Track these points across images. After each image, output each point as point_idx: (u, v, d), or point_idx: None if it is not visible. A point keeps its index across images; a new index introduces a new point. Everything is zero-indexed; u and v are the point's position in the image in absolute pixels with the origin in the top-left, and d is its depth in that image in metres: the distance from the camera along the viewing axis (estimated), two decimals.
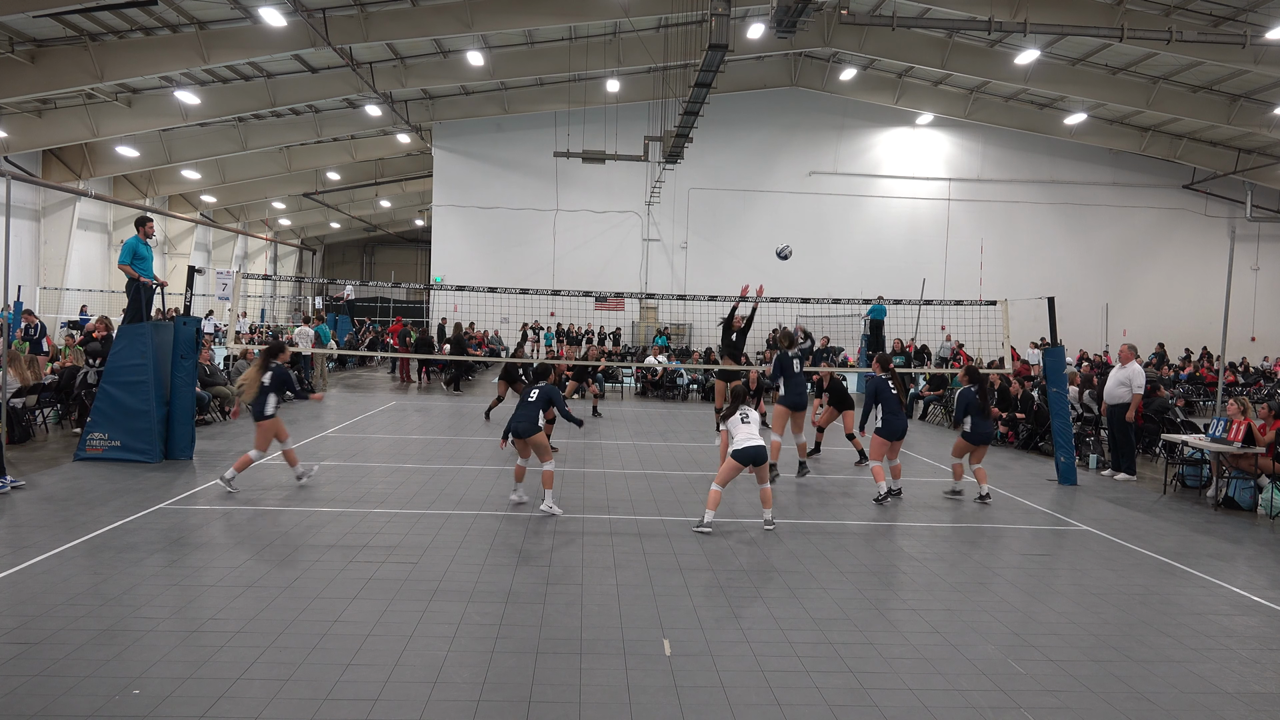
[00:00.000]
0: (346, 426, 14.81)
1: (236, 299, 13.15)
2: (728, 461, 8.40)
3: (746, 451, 8.26)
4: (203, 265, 29.33)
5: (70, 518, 8.11)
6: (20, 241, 27.10)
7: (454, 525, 8.35)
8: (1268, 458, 10.23)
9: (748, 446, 8.27)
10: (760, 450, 8.27)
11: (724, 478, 8.44)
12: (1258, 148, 30.65)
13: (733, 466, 8.33)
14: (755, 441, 8.31)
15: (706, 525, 8.37)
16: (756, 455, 8.28)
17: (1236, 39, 18.12)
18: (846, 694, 5.01)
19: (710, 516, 8.43)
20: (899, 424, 10.06)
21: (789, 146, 32.25)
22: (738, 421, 8.48)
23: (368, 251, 57.70)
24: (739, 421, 8.48)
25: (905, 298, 16.33)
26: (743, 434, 8.38)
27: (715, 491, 8.46)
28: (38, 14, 18.05)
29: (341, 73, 24.80)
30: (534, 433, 8.78)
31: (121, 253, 11.46)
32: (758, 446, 8.28)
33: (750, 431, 8.39)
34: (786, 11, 14.49)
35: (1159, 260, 33.77)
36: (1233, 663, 5.70)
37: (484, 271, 30.20)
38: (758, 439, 8.34)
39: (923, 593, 6.91)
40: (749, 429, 8.41)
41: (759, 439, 8.35)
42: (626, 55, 25.95)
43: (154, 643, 5.33)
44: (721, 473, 8.47)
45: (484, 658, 5.32)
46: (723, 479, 8.45)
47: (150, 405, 10.89)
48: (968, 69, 26.73)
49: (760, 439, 8.34)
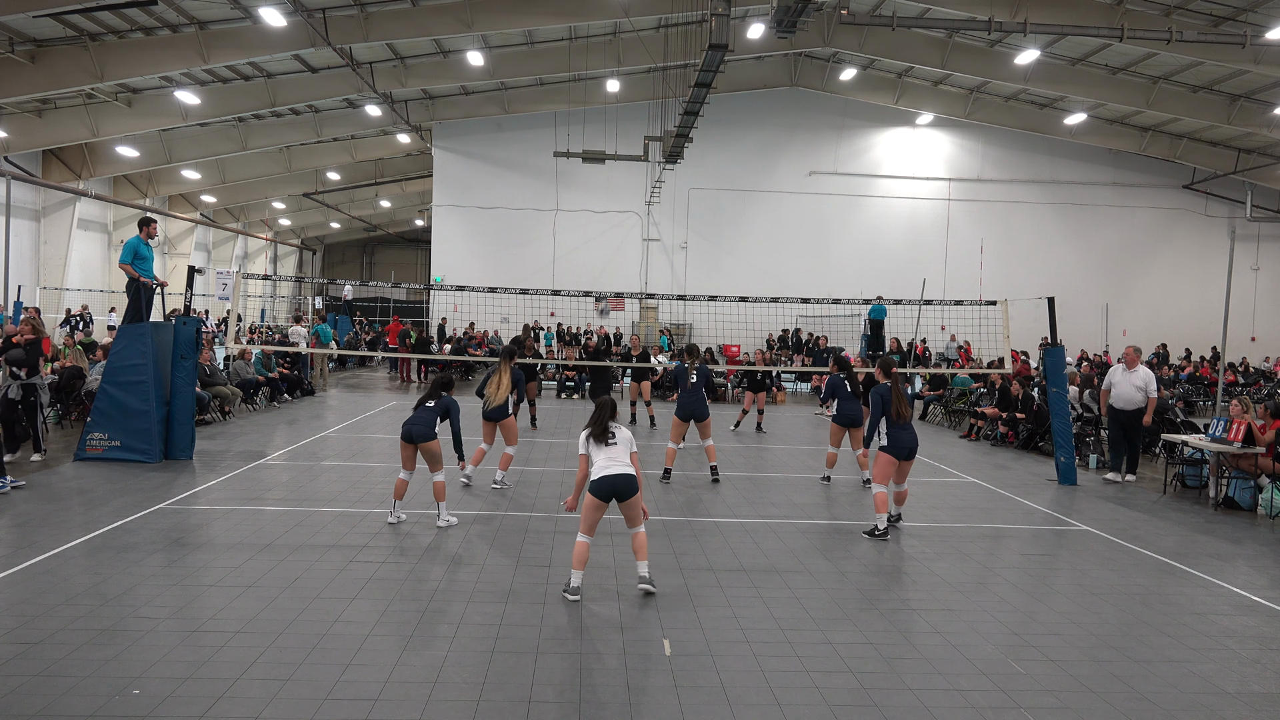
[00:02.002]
0: (346, 426, 14.81)
1: (236, 299, 13.16)
2: (585, 498, 6.53)
3: (603, 482, 6.39)
4: (203, 265, 29.36)
5: (70, 518, 8.11)
6: (20, 241, 27.10)
7: (453, 525, 8.35)
8: (1268, 458, 10.23)
9: (604, 476, 6.40)
10: (622, 480, 6.41)
11: (585, 520, 6.52)
12: (1258, 148, 30.64)
13: (590, 504, 6.47)
14: (616, 469, 6.43)
15: (572, 591, 6.40)
16: (618, 486, 6.40)
17: (1236, 39, 18.11)
18: (846, 694, 5.01)
19: (577, 579, 6.44)
20: (908, 440, 8.51)
21: (789, 146, 32.23)
22: (595, 444, 6.57)
23: (368, 251, 57.68)
24: (597, 444, 6.56)
25: (905, 298, 16.32)
26: (602, 459, 6.50)
27: (581, 543, 6.51)
28: (38, 14, 18.04)
29: (341, 73, 24.79)
30: (429, 438, 8.19)
31: (123, 252, 11.47)
32: (619, 475, 6.41)
33: (612, 455, 6.50)
34: (786, 11, 14.48)
35: (1159, 260, 33.75)
36: (1233, 663, 5.70)
37: (484, 271, 30.17)
38: (621, 464, 6.47)
39: (923, 593, 6.91)
40: (611, 451, 6.52)
41: (622, 463, 6.47)
42: (626, 55, 25.94)
43: (154, 643, 5.33)
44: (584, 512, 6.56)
45: (484, 658, 5.32)
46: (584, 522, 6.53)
47: (150, 405, 10.89)
48: (968, 69, 26.72)
49: (624, 465, 6.46)
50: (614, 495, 6.40)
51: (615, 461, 6.44)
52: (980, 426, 16.01)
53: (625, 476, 6.40)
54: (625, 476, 6.40)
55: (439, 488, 8.22)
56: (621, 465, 6.43)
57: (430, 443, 8.17)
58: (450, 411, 8.46)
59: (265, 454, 11.79)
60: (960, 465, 13.04)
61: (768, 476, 11.59)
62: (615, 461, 6.44)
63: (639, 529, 6.57)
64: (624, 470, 6.41)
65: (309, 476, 10.46)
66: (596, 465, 6.46)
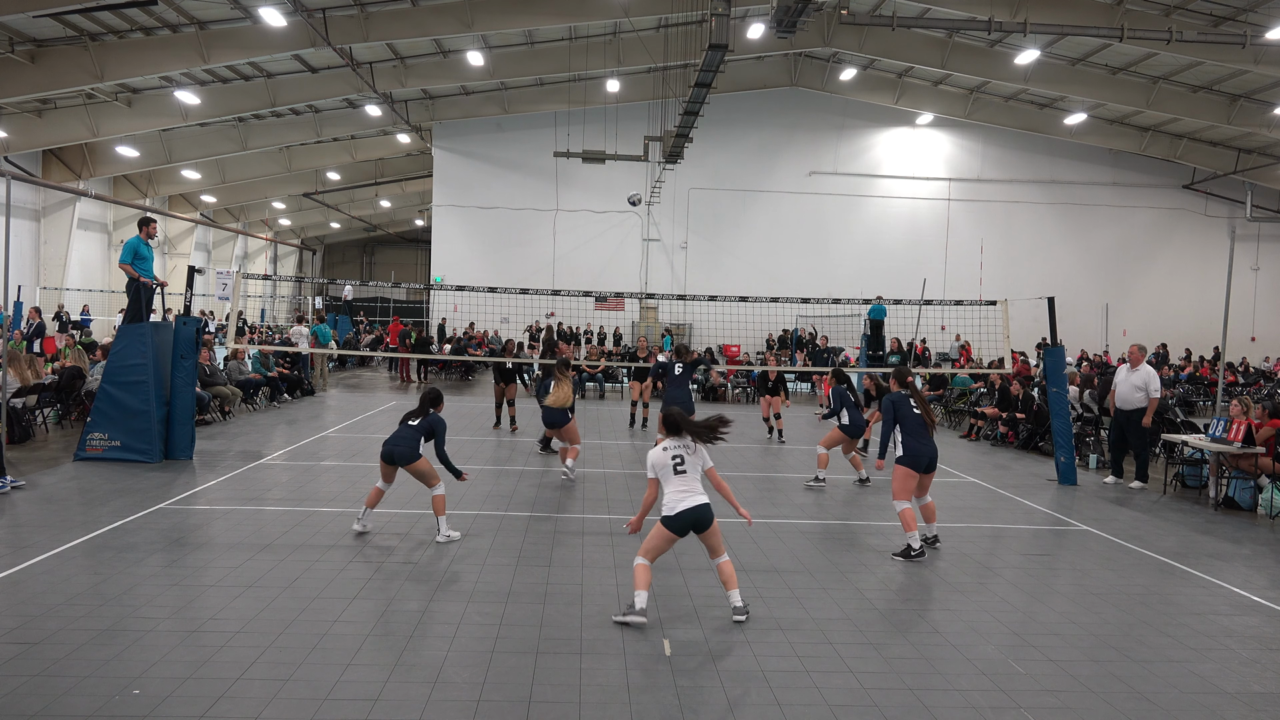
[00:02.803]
0: (346, 426, 14.81)
1: (236, 299, 13.16)
2: (655, 530, 5.99)
3: (684, 518, 5.88)
4: (203, 265, 29.35)
5: (70, 518, 8.11)
6: (20, 241, 27.11)
7: (454, 525, 8.34)
8: (1267, 458, 10.23)
9: (683, 510, 5.88)
10: (702, 512, 5.91)
11: (651, 550, 6.00)
12: (1258, 148, 30.65)
13: (664, 536, 5.96)
14: (693, 500, 5.91)
15: (637, 613, 5.87)
16: (700, 519, 5.91)
17: (1236, 39, 18.12)
18: (846, 694, 5.01)
19: (642, 600, 5.89)
20: (927, 450, 7.81)
21: (789, 146, 32.24)
22: (667, 466, 6.03)
23: (368, 251, 57.69)
24: (669, 467, 6.03)
25: (905, 298, 16.33)
26: (674, 488, 5.97)
27: (642, 566, 5.98)
28: (38, 14, 18.05)
29: (341, 73, 24.79)
30: (412, 460, 7.65)
31: (123, 252, 11.47)
32: (697, 508, 5.89)
33: (686, 485, 5.96)
34: (786, 11, 14.49)
35: (1159, 260, 33.76)
36: (1233, 663, 5.70)
37: (484, 271, 30.18)
38: (698, 494, 5.95)
39: (923, 593, 6.91)
40: (684, 481, 5.98)
41: (698, 493, 5.95)
42: (626, 55, 25.95)
43: (154, 643, 5.33)
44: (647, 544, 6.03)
45: (484, 658, 5.32)
46: (650, 551, 6.00)
47: (150, 405, 10.89)
48: (968, 69, 26.73)
49: (700, 494, 5.96)
50: (694, 529, 5.93)
51: (691, 492, 5.92)
52: (980, 426, 16.01)
53: (702, 508, 5.88)
54: (702, 508, 5.88)
55: (438, 502, 7.79)
56: (698, 495, 5.92)
57: (415, 464, 7.68)
58: (435, 431, 7.86)
59: (265, 454, 11.79)
60: (960, 465, 13.05)
61: (768, 477, 11.60)
62: (691, 492, 5.92)
63: (723, 558, 6.05)
64: (700, 501, 5.90)
65: (309, 476, 10.46)
66: (669, 496, 5.93)
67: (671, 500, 5.94)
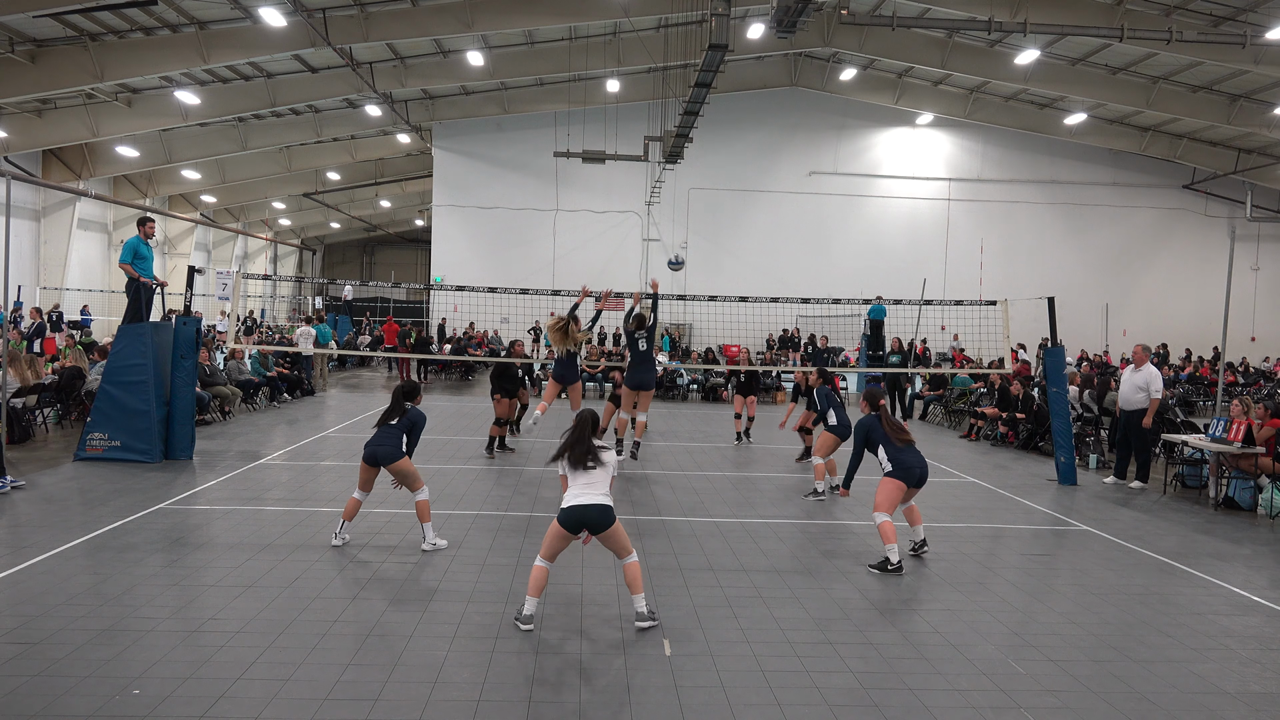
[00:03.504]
0: (346, 426, 14.81)
1: (236, 299, 13.16)
2: (552, 528, 5.80)
3: (572, 512, 5.70)
4: (203, 265, 29.35)
5: (70, 518, 8.11)
6: (20, 241, 27.09)
7: (454, 525, 8.35)
8: (1268, 458, 10.23)
9: (574, 505, 5.71)
10: (594, 511, 5.70)
11: (547, 547, 5.83)
12: (1258, 148, 30.64)
13: (556, 533, 5.77)
14: (588, 498, 5.71)
15: (524, 619, 5.78)
16: (589, 518, 5.70)
17: (1236, 39, 18.12)
18: (846, 694, 5.01)
19: (531, 606, 5.81)
20: (919, 464, 7.52)
21: (789, 146, 32.23)
22: (572, 468, 5.86)
23: (368, 251, 57.67)
24: (574, 468, 5.85)
25: (905, 298, 16.33)
26: (577, 485, 5.80)
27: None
28: (38, 14, 18.03)
29: (341, 73, 24.78)
30: (396, 458, 7.41)
31: (123, 252, 11.47)
32: (590, 506, 5.69)
33: (589, 481, 5.78)
34: (786, 11, 14.48)
35: (1159, 260, 33.75)
36: (1233, 663, 5.70)
37: (484, 271, 30.18)
38: (597, 493, 5.73)
39: (923, 593, 6.91)
40: (588, 477, 5.80)
41: (598, 493, 5.73)
42: (626, 55, 25.94)
43: (154, 643, 5.33)
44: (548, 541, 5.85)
45: (484, 658, 5.32)
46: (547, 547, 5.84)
47: (150, 405, 10.89)
48: (968, 69, 26.72)
49: (599, 494, 5.73)
50: (584, 527, 5.69)
51: (590, 489, 5.71)
52: (980, 426, 16.01)
53: (598, 508, 5.65)
54: (598, 508, 5.65)
55: (422, 508, 7.51)
56: (596, 495, 5.70)
57: (398, 463, 7.42)
58: (415, 427, 7.58)
59: (265, 454, 11.79)
60: (960, 465, 13.04)
61: (767, 477, 11.59)
62: (590, 489, 5.71)
63: (629, 559, 5.83)
64: (597, 500, 5.67)
65: (309, 476, 10.46)
66: (569, 492, 5.77)
67: (568, 496, 5.80)
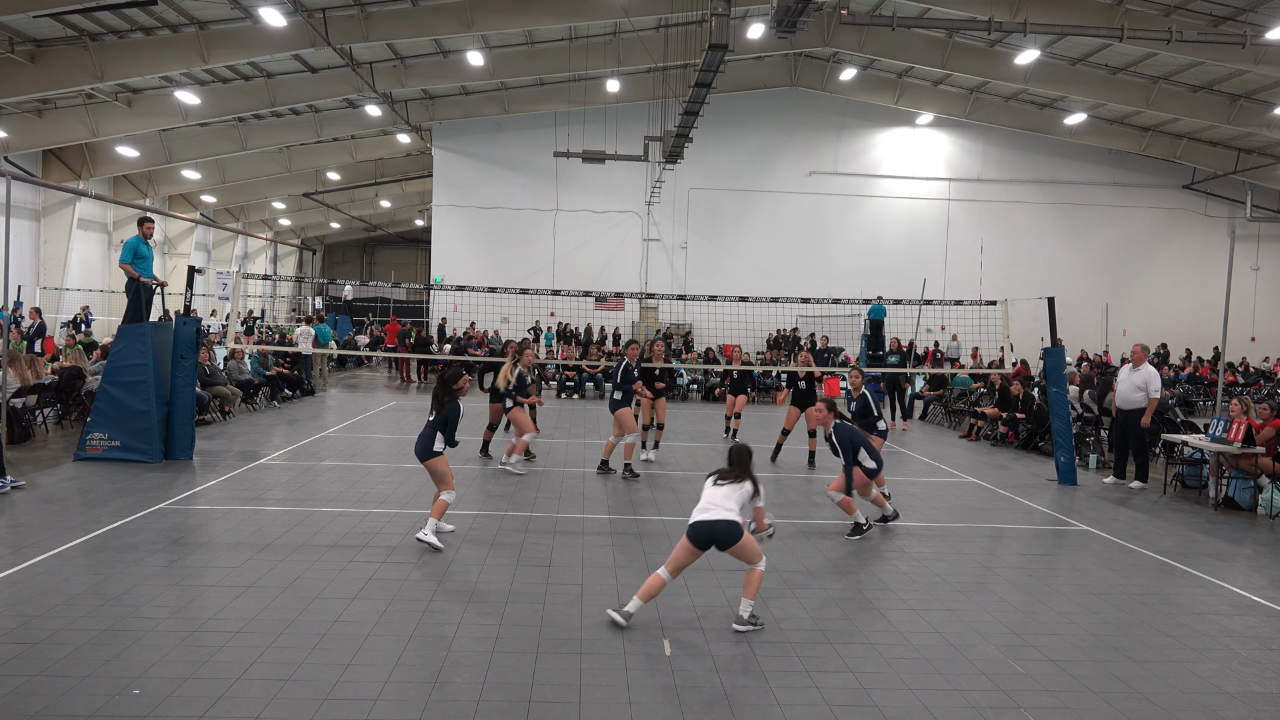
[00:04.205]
0: (346, 426, 14.81)
1: (236, 299, 13.15)
2: (681, 542, 5.93)
3: (700, 528, 5.82)
4: (203, 265, 29.34)
5: (70, 518, 8.11)
6: (20, 241, 27.08)
7: (454, 525, 8.34)
8: (1268, 457, 10.23)
9: (700, 521, 5.84)
10: (721, 528, 5.79)
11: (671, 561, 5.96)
12: (1258, 148, 30.63)
13: (683, 545, 5.90)
14: (715, 515, 5.82)
15: (624, 614, 5.89)
16: (716, 534, 5.79)
17: (1236, 39, 18.11)
18: (846, 694, 5.01)
19: (634, 605, 5.92)
20: (882, 462, 8.74)
21: (789, 146, 32.23)
22: (709, 481, 6.06)
23: (368, 251, 57.66)
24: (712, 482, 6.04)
25: (905, 298, 16.33)
26: (704, 499, 5.97)
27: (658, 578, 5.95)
28: (38, 14, 18.02)
29: (341, 73, 24.78)
30: (426, 457, 7.55)
31: (122, 252, 11.47)
32: (716, 523, 5.79)
33: (714, 498, 5.92)
34: (786, 11, 14.48)
35: (1159, 260, 33.74)
36: (1233, 663, 5.70)
37: (484, 271, 30.17)
38: (723, 509, 5.83)
39: (923, 593, 6.91)
40: (716, 493, 5.95)
41: (724, 509, 5.83)
42: (626, 55, 25.94)
43: (154, 643, 5.33)
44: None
45: (484, 658, 5.32)
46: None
47: (150, 405, 10.89)
48: (968, 69, 26.71)
49: (725, 510, 5.83)
50: (713, 543, 5.79)
51: (716, 506, 5.84)
52: (980, 426, 16.01)
53: (725, 524, 5.75)
54: (725, 524, 5.75)
55: (439, 505, 7.59)
56: (722, 510, 5.80)
57: (429, 461, 7.53)
58: (448, 423, 7.60)
59: (265, 454, 11.79)
60: (960, 465, 13.04)
61: (766, 476, 11.59)
62: (716, 506, 5.84)
63: (758, 565, 5.92)
64: (724, 516, 5.77)
65: (309, 476, 10.46)
66: (700, 505, 5.92)
67: (697, 510, 5.91)
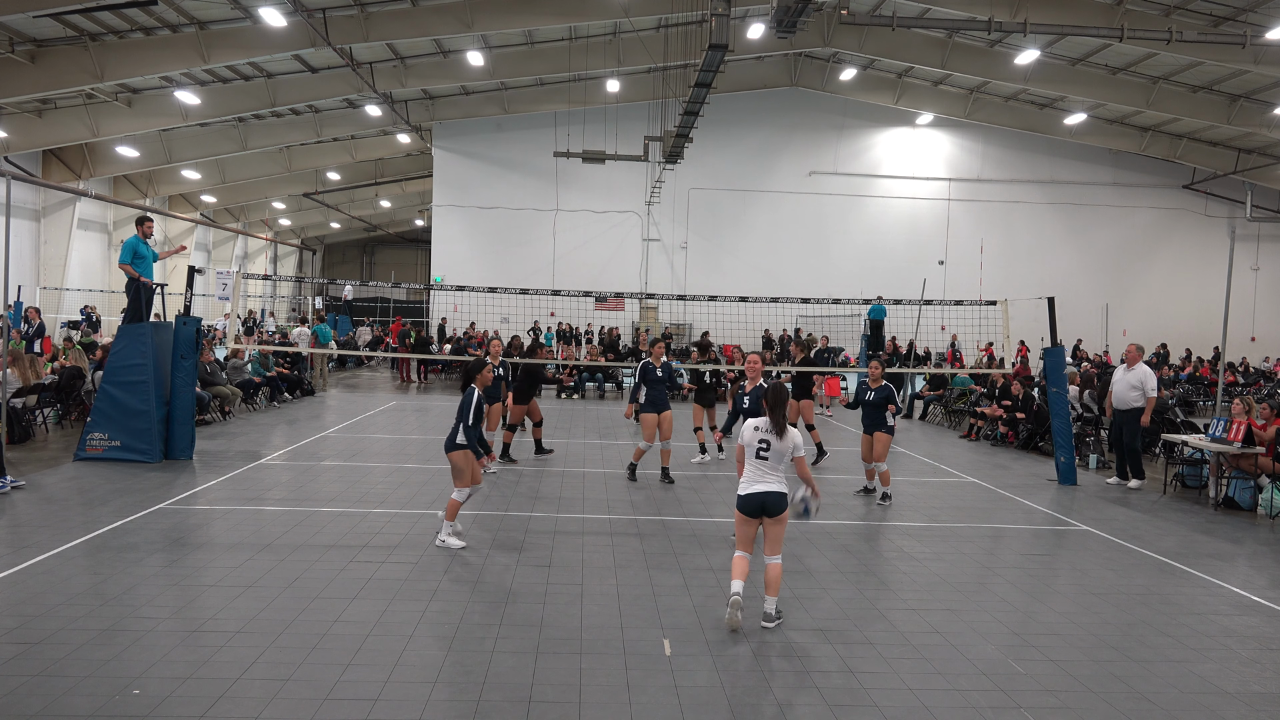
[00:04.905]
0: (346, 426, 14.81)
1: (236, 299, 13.15)
2: (736, 517, 6.08)
3: (751, 500, 5.96)
4: (203, 265, 29.33)
5: (70, 518, 8.11)
6: (20, 241, 27.08)
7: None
8: (1268, 457, 10.23)
9: (752, 493, 5.96)
10: (772, 499, 5.93)
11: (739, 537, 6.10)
12: (1258, 148, 30.63)
13: (739, 519, 6.07)
14: (766, 485, 5.94)
15: (731, 602, 5.91)
16: (768, 504, 5.93)
17: (1236, 39, 18.11)
18: (846, 694, 5.01)
19: (738, 587, 5.96)
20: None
21: (789, 146, 32.22)
22: (752, 445, 6.07)
23: (368, 251, 57.68)
24: (754, 448, 6.06)
25: (905, 298, 16.33)
26: (751, 471, 6.04)
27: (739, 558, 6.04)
28: (38, 14, 18.02)
29: (341, 73, 24.78)
30: (450, 449, 7.54)
31: (122, 252, 11.47)
32: (769, 494, 5.92)
33: (762, 469, 5.99)
34: (786, 11, 14.47)
35: (1159, 260, 33.74)
36: (1233, 663, 5.70)
37: (484, 271, 30.16)
38: (775, 479, 5.96)
39: (923, 593, 6.90)
40: (763, 465, 6.00)
41: (775, 479, 5.96)
42: (626, 55, 25.94)
43: (154, 643, 5.33)
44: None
45: (484, 658, 5.32)
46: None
47: (150, 405, 10.88)
48: (968, 69, 26.71)
49: (776, 481, 5.96)
50: (764, 513, 5.93)
51: (767, 476, 5.95)
52: (980, 426, 16.01)
53: (775, 495, 5.89)
54: (775, 495, 5.89)
55: (451, 505, 7.58)
56: (774, 481, 5.93)
57: (451, 454, 7.55)
58: (461, 411, 7.60)
59: (265, 454, 11.79)
60: (960, 465, 13.04)
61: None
62: (767, 476, 5.95)
63: (774, 559, 5.98)
64: (774, 488, 5.90)
65: (309, 476, 10.46)
66: (745, 477, 6.01)
67: (743, 481, 6.04)
